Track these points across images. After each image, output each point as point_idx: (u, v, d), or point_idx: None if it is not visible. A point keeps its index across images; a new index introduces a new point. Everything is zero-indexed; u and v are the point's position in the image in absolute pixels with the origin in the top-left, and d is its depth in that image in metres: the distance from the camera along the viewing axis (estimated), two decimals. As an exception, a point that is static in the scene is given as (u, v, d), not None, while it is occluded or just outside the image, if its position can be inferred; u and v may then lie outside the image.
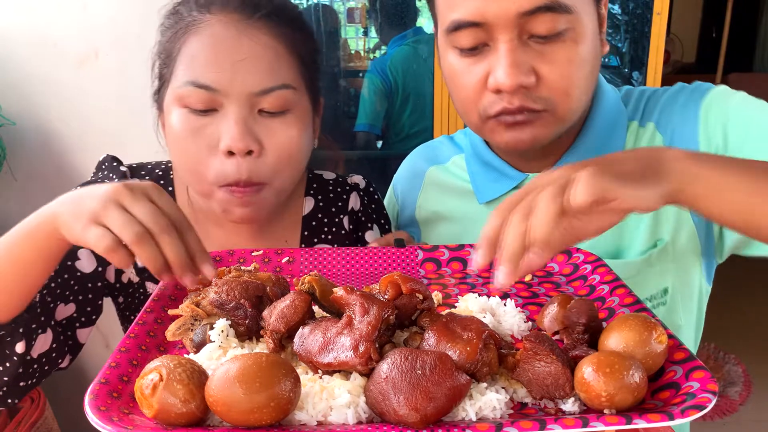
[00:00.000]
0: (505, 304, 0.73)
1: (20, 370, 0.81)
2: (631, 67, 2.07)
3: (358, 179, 1.14)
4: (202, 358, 0.61)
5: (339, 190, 1.11)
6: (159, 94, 0.95)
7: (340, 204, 1.09)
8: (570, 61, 0.84)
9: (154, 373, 0.52)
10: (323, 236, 1.05)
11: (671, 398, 0.54)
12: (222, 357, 0.61)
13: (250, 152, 0.88)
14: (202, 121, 0.88)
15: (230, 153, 0.87)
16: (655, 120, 0.97)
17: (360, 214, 1.09)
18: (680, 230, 0.94)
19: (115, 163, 1.01)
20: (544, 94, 0.85)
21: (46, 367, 0.85)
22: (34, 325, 0.82)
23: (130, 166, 1.03)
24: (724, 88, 0.94)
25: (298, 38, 0.94)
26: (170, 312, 0.69)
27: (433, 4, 0.94)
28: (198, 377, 0.53)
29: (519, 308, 0.73)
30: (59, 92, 1.81)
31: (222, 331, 0.64)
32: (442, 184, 1.12)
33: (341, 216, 1.08)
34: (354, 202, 1.10)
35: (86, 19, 1.76)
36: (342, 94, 2.52)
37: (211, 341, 0.64)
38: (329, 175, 1.12)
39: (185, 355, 0.60)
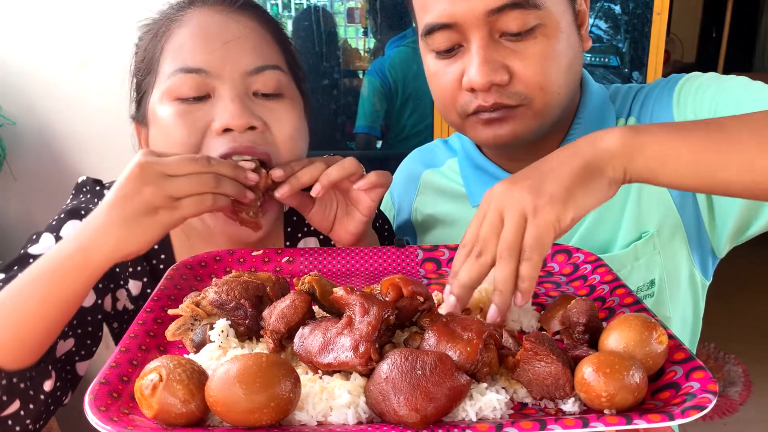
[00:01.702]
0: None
1: (42, 408, 0.78)
2: (631, 67, 2.07)
3: None
4: (202, 358, 0.61)
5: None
6: (139, 109, 0.92)
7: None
8: (543, 57, 0.85)
9: (154, 373, 0.52)
10: (305, 229, 1.03)
11: (671, 398, 0.54)
12: (222, 357, 0.61)
13: (252, 128, 0.85)
14: (194, 107, 0.85)
15: (225, 131, 0.84)
16: (636, 114, 0.99)
17: None
18: (665, 221, 0.94)
19: (98, 188, 0.97)
20: (518, 89, 0.86)
21: (52, 407, 0.81)
22: (53, 354, 0.79)
23: (111, 185, 0.98)
24: (695, 72, 0.96)
25: (278, 31, 0.95)
26: (170, 312, 0.69)
27: (413, 12, 0.95)
28: (198, 377, 0.53)
29: (533, 307, 0.74)
30: (59, 92, 1.82)
31: (222, 331, 0.64)
32: (438, 188, 1.13)
33: None
34: None
35: (86, 19, 1.76)
36: (342, 94, 2.52)
37: (211, 341, 0.64)
38: None
39: (185, 355, 0.60)
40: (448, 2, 0.84)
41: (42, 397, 0.78)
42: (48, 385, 0.78)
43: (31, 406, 0.77)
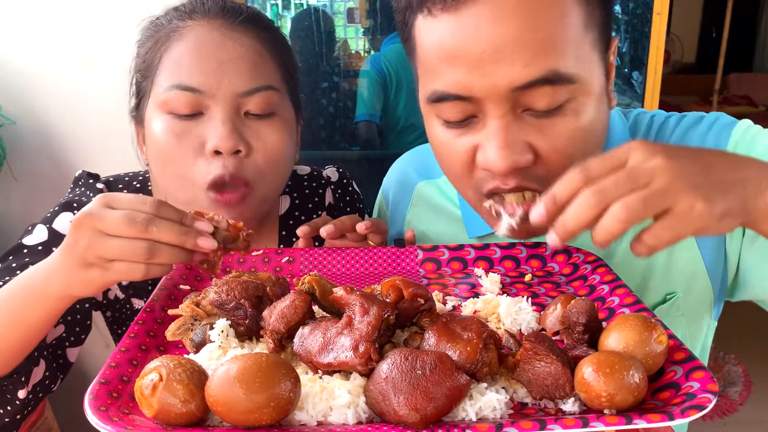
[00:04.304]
0: (526, 299, 0.74)
1: (20, 409, 0.81)
2: (631, 67, 2.07)
3: (331, 173, 1.14)
4: (202, 358, 0.61)
5: (314, 185, 1.11)
6: (138, 110, 0.94)
7: (316, 199, 1.09)
8: (572, 137, 0.74)
9: (154, 373, 0.52)
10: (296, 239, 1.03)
11: (671, 398, 0.54)
12: (222, 357, 0.61)
13: (237, 152, 0.88)
14: (186, 125, 0.87)
15: (217, 153, 0.87)
16: None
17: (334, 211, 1.10)
18: (693, 284, 0.89)
19: (91, 181, 0.99)
20: (541, 172, 0.75)
21: (40, 395, 0.84)
22: (30, 365, 0.81)
23: (107, 181, 1.01)
24: (748, 125, 0.86)
25: (278, 44, 0.95)
26: (170, 312, 0.69)
27: (414, 62, 0.81)
28: (198, 377, 0.53)
29: (533, 307, 0.74)
30: (59, 92, 1.81)
31: (222, 331, 0.64)
32: (432, 204, 1.06)
33: (319, 212, 1.08)
34: (330, 197, 1.11)
35: (86, 19, 1.76)
36: (342, 94, 2.52)
37: (211, 341, 0.64)
38: (303, 170, 1.12)
39: (185, 355, 0.60)
40: (466, 73, 0.71)
41: (17, 402, 0.80)
42: (22, 393, 0.79)
43: (9, 407, 0.80)
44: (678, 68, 5.39)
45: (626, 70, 2.07)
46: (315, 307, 0.69)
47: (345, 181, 1.15)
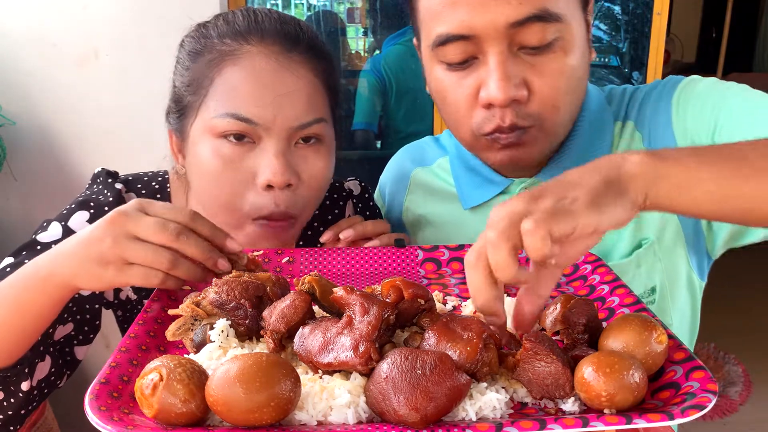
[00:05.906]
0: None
1: (23, 402, 0.81)
2: (631, 67, 2.07)
3: (353, 185, 1.14)
4: (202, 358, 0.61)
5: (335, 196, 1.11)
6: (179, 121, 0.93)
7: (336, 211, 1.09)
8: (561, 73, 0.84)
9: (154, 373, 0.52)
10: (318, 245, 1.03)
11: (671, 398, 0.54)
12: (222, 357, 0.61)
13: (288, 185, 0.88)
14: (237, 153, 0.87)
15: (269, 186, 0.87)
16: (634, 118, 0.97)
17: None
18: (665, 228, 0.93)
19: (110, 180, 0.98)
20: (534, 109, 0.84)
21: (46, 391, 0.84)
22: (35, 358, 0.81)
23: (125, 180, 1.00)
24: (694, 77, 0.94)
25: (329, 71, 0.95)
26: (170, 312, 0.69)
27: (415, 17, 0.91)
28: (198, 377, 0.53)
29: None
30: (59, 92, 1.82)
31: (222, 331, 0.64)
32: (428, 187, 1.11)
33: None
34: (350, 210, 1.11)
35: (86, 19, 1.77)
36: (343, 96, 2.52)
37: (211, 341, 0.64)
38: None
39: (185, 355, 0.60)
40: (467, 12, 0.81)
41: (20, 395, 0.80)
42: (25, 386, 0.79)
43: (12, 400, 0.80)
44: (678, 68, 5.39)
45: (626, 70, 2.07)
46: (315, 307, 0.69)
47: (366, 195, 1.15)
